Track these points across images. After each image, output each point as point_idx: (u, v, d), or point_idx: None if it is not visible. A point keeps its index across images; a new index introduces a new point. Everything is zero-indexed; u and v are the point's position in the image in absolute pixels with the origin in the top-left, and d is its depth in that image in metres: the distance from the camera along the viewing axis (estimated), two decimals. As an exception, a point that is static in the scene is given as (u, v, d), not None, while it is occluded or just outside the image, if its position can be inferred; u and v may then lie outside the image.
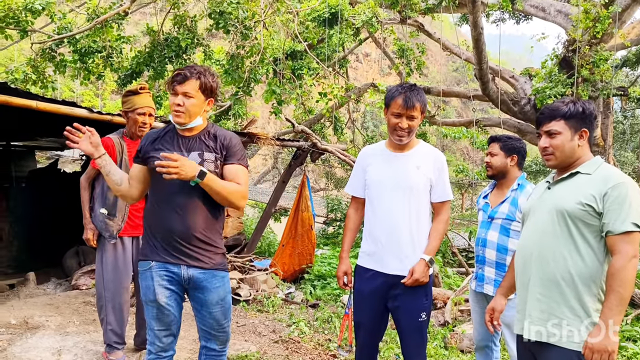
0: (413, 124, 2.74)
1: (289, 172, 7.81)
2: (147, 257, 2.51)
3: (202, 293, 2.53)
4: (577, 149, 2.21)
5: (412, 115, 2.72)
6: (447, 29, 25.59)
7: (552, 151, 2.23)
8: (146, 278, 2.51)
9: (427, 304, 2.78)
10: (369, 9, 10.67)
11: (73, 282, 6.02)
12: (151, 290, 2.49)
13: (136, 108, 3.54)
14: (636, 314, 5.84)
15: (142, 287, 2.52)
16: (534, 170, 22.04)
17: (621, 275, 1.96)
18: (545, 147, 2.26)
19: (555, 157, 2.24)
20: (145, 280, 2.51)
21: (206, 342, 2.64)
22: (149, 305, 2.53)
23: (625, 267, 1.96)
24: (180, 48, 7.81)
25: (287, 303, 6.10)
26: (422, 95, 2.75)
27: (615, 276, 1.97)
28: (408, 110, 2.70)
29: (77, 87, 27.42)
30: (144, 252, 2.55)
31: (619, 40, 9.96)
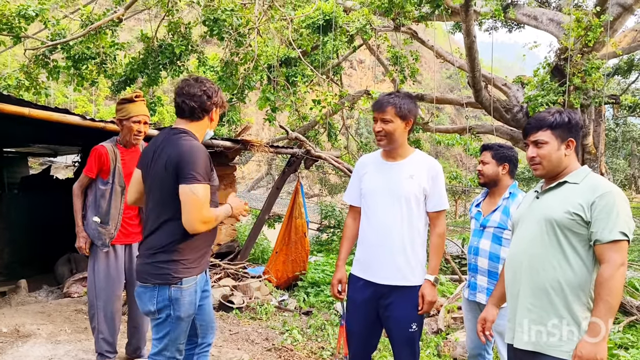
0: (388, 128, 2.73)
1: (283, 178, 7.81)
2: (191, 273, 2.47)
3: (207, 285, 2.72)
4: (564, 159, 2.23)
5: (385, 118, 2.74)
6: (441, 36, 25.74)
7: (540, 161, 2.26)
8: (191, 293, 2.47)
9: (418, 315, 2.76)
10: (363, 17, 10.72)
11: (65, 289, 5.98)
12: (194, 305, 2.51)
13: (131, 116, 3.54)
14: (628, 322, 5.87)
15: (184, 304, 2.44)
16: (526, 177, 22.16)
17: (609, 283, 1.98)
18: (532, 156, 2.28)
19: (542, 167, 2.27)
20: (189, 296, 2.46)
21: (204, 338, 2.75)
22: (186, 320, 2.49)
23: (613, 275, 1.98)
24: (175, 55, 7.81)
25: (281, 310, 6.08)
26: (398, 99, 2.74)
27: (603, 285, 1.99)
28: (379, 113, 2.75)
29: (70, 93, 27.35)
30: (188, 270, 2.45)
31: (611, 49, 10.05)
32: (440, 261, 2.83)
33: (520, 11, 11.72)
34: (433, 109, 15.77)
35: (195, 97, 2.50)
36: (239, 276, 6.83)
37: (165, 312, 2.43)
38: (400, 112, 2.73)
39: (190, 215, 2.32)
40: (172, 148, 2.42)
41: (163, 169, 2.41)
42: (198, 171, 2.34)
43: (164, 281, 2.41)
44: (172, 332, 2.47)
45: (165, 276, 2.41)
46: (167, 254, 2.42)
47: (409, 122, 2.78)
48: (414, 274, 2.75)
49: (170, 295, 2.41)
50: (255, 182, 28.51)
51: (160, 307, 2.43)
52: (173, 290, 2.41)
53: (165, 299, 2.42)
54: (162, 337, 2.47)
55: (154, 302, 2.43)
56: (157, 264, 2.43)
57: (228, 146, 6.58)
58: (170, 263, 2.41)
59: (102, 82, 10.47)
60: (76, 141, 7.59)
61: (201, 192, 2.34)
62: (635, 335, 5.36)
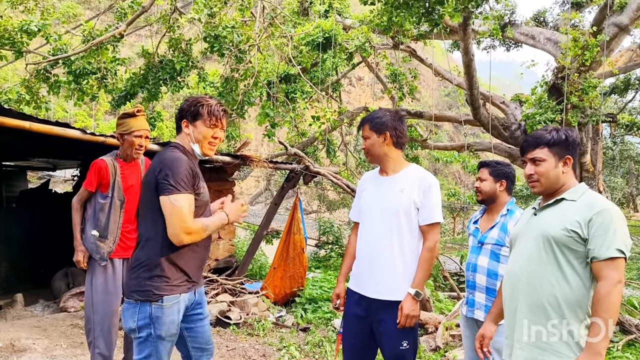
0: (366, 144, 2.87)
1: (282, 194, 7.82)
2: (174, 291, 2.39)
3: (201, 308, 2.65)
4: (561, 176, 2.25)
5: (363, 135, 2.89)
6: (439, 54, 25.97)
7: (537, 178, 2.28)
8: (173, 312, 2.39)
9: (410, 331, 2.73)
10: (362, 34, 10.85)
11: (61, 304, 5.95)
12: (176, 324, 2.42)
13: (133, 131, 3.56)
14: (627, 340, 5.84)
15: (166, 323, 2.36)
16: (524, 194, 22.16)
17: (607, 300, 1.98)
18: (530, 174, 2.30)
19: (540, 184, 2.28)
20: (171, 315, 2.38)
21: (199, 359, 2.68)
22: (168, 340, 2.41)
23: (610, 292, 1.98)
24: (175, 70, 7.87)
25: (278, 327, 6.05)
26: (372, 116, 2.87)
27: (600, 302, 1.99)
28: (360, 132, 2.92)
29: (70, 108, 27.46)
30: (170, 287, 2.38)
31: (607, 68, 10.15)
32: (427, 276, 2.77)
33: (517, 30, 11.86)
34: (431, 127, 15.84)
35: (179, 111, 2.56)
36: (237, 292, 6.80)
37: (145, 331, 2.35)
38: (374, 127, 2.83)
39: (174, 227, 2.28)
40: (155, 160, 2.42)
41: (147, 183, 2.40)
42: (178, 181, 2.29)
43: (145, 297, 2.35)
44: (155, 354, 2.39)
45: (146, 292, 2.35)
46: (149, 269, 2.36)
47: (386, 135, 2.82)
48: (403, 289, 2.72)
49: (151, 313, 2.34)
50: (254, 197, 28.50)
51: (140, 325, 2.35)
52: (154, 308, 2.34)
53: (146, 317, 2.35)
54: (145, 357, 2.38)
55: (135, 319, 2.37)
56: (140, 280, 2.37)
57: (227, 161, 6.60)
58: (152, 279, 2.35)
59: (102, 97, 10.53)
60: (75, 155, 7.62)
61: (182, 202, 2.28)
62: (634, 354, 5.34)
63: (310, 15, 12.00)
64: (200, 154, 2.52)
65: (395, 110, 2.99)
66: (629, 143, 26.88)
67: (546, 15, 13.09)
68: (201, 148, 2.52)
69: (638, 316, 6.51)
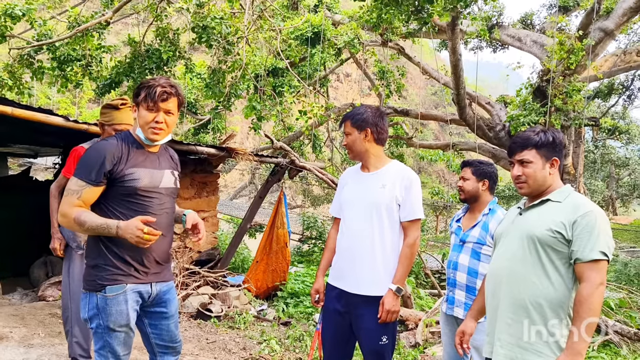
0: (347, 140, 2.89)
1: (266, 188, 7.80)
2: (118, 281, 2.33)
3: (165, 306, 2.56)
4: (548, 177, 2.27)
5: (344, 131, 2.91)
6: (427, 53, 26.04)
7: (525, 179, 2.30)
8: (119, 303, 2.33)
9: (390, 327, 2.75)
10: (351, 30, 10.84)
11: (40, 293, 5.87)
12: (124, 315, 2.35)
13: (114, 123, 3.47)
14: (602, 341, 5.94)
15: (112, 313, 2.31)
16: (507, 195, 22.41)
17: (588, 302, 2.00)
18: (518, 175, 2.32)
19: (528, 185, 2.30)
20: (117, 305, 2.32)
21: (163, 357, 2.61)
22: (118, 331, 2.35)
23: (592, 294, 2.01)
24: (162, 60, 7.78)
25: (259, 320, 6.05)
26: (353, 112, 2.89)
27: (582, 303, 2.02)
28: (342, 128, 2.93)
29: (53, 95, 27.05)
30: (112, 277, 2.33)
31: (592, 72, 10.29)
32: (407, 271, 2.78)
33: (505, 32, 11.96)
34: (417, 125, 15.93)
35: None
36: (219, 284, 6.78)
37: (95, 321, 2.33)
38: (356, 124, 2.84)
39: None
40: None
41: None
42: (77, 167, 2.33)
43: (91, 287, 2.34)
44: (108, 345, 2.34)
45: (91, 282, 2.34)
46: (92, 258, 2.36)
47: (367, 131, 2.84)
48: (383, 284, 2.73)
49: (97, 303, 2.31)
50: (238, 190, 28.38)
51: (90, 315, 2.33)
52: (99, 298, 2.31)
53: (93, 307, 2.33)
54: (99, 348, 2.36)
55: (86, 310, 2.35)
56: (87, 269, 2.38)
57: (212, 153, 6.56)
58: (95, 269, 2.34)
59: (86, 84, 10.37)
60: (57, 142, 7.50)
61: (71, 185, 2.30)
62: (609, 355, 5.44)
63: (300, 10, 11.96)
64: (144, 139, 2.41)
65: (376, 106, 3.00)
66: (610, 147, 27.32)
67: (533, 18, 13.23)
68: (145, 133, 2.40)
69: (614, 317, 6.63)
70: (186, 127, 15.70)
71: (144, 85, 2.40)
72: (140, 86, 2.41)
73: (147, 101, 2.36)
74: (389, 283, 2.73)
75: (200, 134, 13.58)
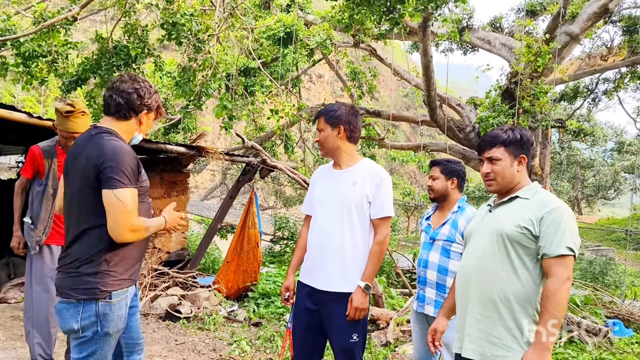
0: (320, 137, 2.87)
1: (237, 187, 7.72)
2: (122, 285, 2.26)
3: (135, 303, 2.50)
4: (516, 175, 2.30)
5: (318, 127, 2.88)
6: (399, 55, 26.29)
7: (494, 177, 2.32)
8: (120, 307, 2.26)
9: (360, 324, 2.74)
10: (323, 31, 10.84)
11: (1, 295, 5.68)
12: (123, 319, 2.29)
13: (61, 130, 3.36)
14: (568, 337, 6.07)
15: (113, 319, 2.23)
16: (477, 195, 22.76)
17: (555, 297, 2.03)
18: (487, 172, 2.34)
19: (496, 183, 2.33)
20: (119, 310, 2.25)
21: (129, 356, 2.55)
22: (114, 336, 2.28)
23: (559, 289, 2.03)
24: (130, 57, 7.63)
25: (230, 321, 5.97)
26: (327, 109, 2.89)
27: (549, 298, 2.04)
28: (314, 124, 2.92)
29: (18, 93, 26.35)
30: (118, 281, 2.24)
31: (558, 75, 10.54)
32: (376, 269, 2.78)
33: (475, 34, 12.14)
34: (389, 126, 16.03)
35: (124, 94, 2.29)
36: (188, 285, 6.68)
37: (91, 330, 2.19)
38: (329, 120, 2.83)
39: (117, 223, 2.12)
40: (92, 149, 2.19)
41: (82, 173, 2.19)
42: (123, 174, 2.14)
43: (90, 296, 2.17)
44: (100, 350, 2.24)
45: (92, 290, 2.17)
46: (94, 265, 2.18)
47: (340, 128, 2.83)
48: (353, 281, 2.72)
49: (98, 311, 2.18)
50: (209, 191, 28.09)
51: (85, 325, 2.18)
52: (101, 306, 2.19)
53: (91, 315, 2.18)
54: (86, 356, 2.22)
55: (77, 320, 2.18)
56: (81, 277, 2.18)
57: (182, 152, 6.46)
58: (98, 275, 2.18)
59: (52, 82, 10.15)
60: (22, 141, 7.28)
61: (128, 198, 2.14)
62: (575, 350, 5.55)
63: (272, 9, 11.90)
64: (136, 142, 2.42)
65: (350, 104, 2.99)
66: (575, 149, 28.06)
67: (502, 21, 13.48)
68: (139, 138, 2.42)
69: (580, 314, 6.78)
70: (156, 127, 15.47)
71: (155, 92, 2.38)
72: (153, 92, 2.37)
73: (158, 110, 2.42)
74: (359, 280, 2.72)
75: (170, 134, 13.40)
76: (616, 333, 6.50)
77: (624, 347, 5.98)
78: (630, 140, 29.63)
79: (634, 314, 7.38)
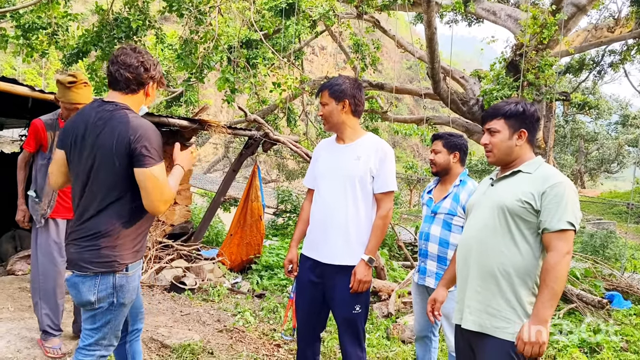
0: (324, 110, 2.85)
1: (240, 160, 7.73)
2: (137, 258, 2.36)
3: None
4: (515, 149, 2.30)
5: (321, 101, 2.85)
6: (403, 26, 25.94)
7: (491, 148, 2.33)
8: (135, 279, 2.35)
9: (362, 296, 2.78)
10: (326, 2, 10.69)
11: (8, 267, 5.77)
12: (136, 289, 2.39)
13: (63, 101, 3.36)
14: (568, 309, 6.15)
15: (129, 290, 2.31)
16: (479, 169, 22.74)
17: (555, 271, 2.05)
18: (485, 143, 2.36)
19: (493, 154, 2.34)
20: (134, 282, 2.34)
21: (134, 324, 2.63)
22: (128, 306, 2.37)
23: (559, 263, 2.05)
24: (131, 29, 7.57)
25: (233, 293, 6.06)
26: (331, 82, 2.85)
27: (549, 272, 2.06)
28: (318, 97, 2.89)
29: (19, 65, 26.19)
30: (133, 254, 2.32)
31: (564, 47, 10.39)
32: (379, 242, 2.82)
33: (480, 5, 11.94)
34: (392, 99, 15.91)
35: (131, 68, 2.30)
36: (192, 258, 6.76)
37: (107, 301, 2.26)
38: (334, 94, 2.81)
39: (153, 199, 2.20)
40: (121, 126, 2.21)
41: (109, 147, 2.20)
42: (155, 152, 2.22)
43: (109, 269, 2.23)
44: (114, 320, 2.32)
45: (110, 263, 2.23)
46: (113, 239, 2.23)
47: (344, 102, 2.82)
48: (357, 254, 2.76)
49: (115, 283, 2.25)
50: (212, 165, 28.13)
51: (101, 297, 2.24)
52: (118, 278, 2.26)
53: (108, 287, 2.25)
54: (100, 326, 2.30)
55: (93, 292, 2.24)
56: (100, 250, 2.22)
57: (185, 125, 6.45)
58: (116, 248, 2.24)
59: (53, 54, 10.06)
60: (24, 114, 7.28)
61: (161, 174, 2.23)
62: (574, 322, 5.63)
63: (274, -21, 11.69)
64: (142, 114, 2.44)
65: (354, 78, 2.97)
66: (579, 122, 27.88)
67: (508, -8, 13.22)
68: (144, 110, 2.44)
69: (579, 286, 6.86)
70: (158, 100, 15.41)
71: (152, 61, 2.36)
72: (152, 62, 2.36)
73: (161, 80, 2.43)
74: (362, 253, 2.76)
75: (172, 107, 13.34)
76: (614, 305, 6.58)
77: (622, 318, 6.06)
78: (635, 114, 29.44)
79: (633, 286, 7.46)
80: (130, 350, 2.62)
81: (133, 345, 2.64)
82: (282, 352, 4.28)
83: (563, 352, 4.72)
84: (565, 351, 4.72)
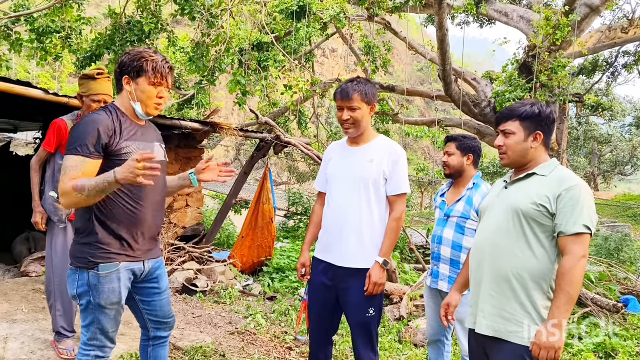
0: (355, 115, 2.76)
1: (251, 163, 7.75)
2: (112, 259, 2.29)
3: (157, 282, 2.54)
4: (530, 151, 2.27)
5: (352, 106, 2.75)
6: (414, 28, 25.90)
7: (506, 150, 2.30)
8: (112, 281, 2.29)
9: (376, 299, 2.77)
10: (337, 4, 10.68)
11: (23, 268, 5.81)
12: (117, 293, 2.32)
13: (91, 94, 3.40)
14: (582, 313, 6.08)
15: (104, 291, 2.28)
16: (491, 171, 22.60)
17: (571, 275, 2.02)
18: (500, 145, 2.33)
19: (507, 157, 2.31)
20: (110, 283, 2.29)
21: (156, 332, 2.61)
22: (109, 308, 2.33)
23: (575, 267, 2.02)
24: (144, 33, 7.63)
25: (245, 295, 6.07)
26: (362, 86, 2.77)
27: (565, 276, 2.03)
28: (346, 102, 2.76)
29: (32, 69, 26.48)
30: (106, 255, 2.28)
31: (577, 49, 10.30)
32: (393, 245, 2.80)
33: (492, 7, 11.88)
34: (403, 101, 15.88)
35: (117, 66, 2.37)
36: (204, 260, 6.78)
37: (85, 299, 2.29)
38: (366, 98, 2.77)
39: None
40: None
41: None
42: (73, 142, 2.19)
43: (81, 265, 2.28)
44: (98, 322, 2.32)
45: (82, 259, 2.28)
46: (84, 236, 2.30)
47: (373, 106, 2.82)
48: (370, 257, 2.75)
49: (89, 281, 2.27)
50: (223, 167, 28.19)
51: (80, 292, 2.29)
52: (91, 276, 2.27)
53: (84, 284, 2.28)
54: (88, 324, 2.33)
55: (74, 287, 2.31)
56: (78, 246, 2.31)
57: (196, 128, 6.48)
58: (87, 246, 2.28)
59: (66, 58, 10.15)
60: (38, 117, 7.35)
61: (68, 163, 2.17)
62: (589, 326, 5.56)
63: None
64: (144, 113, 2.35)
65: (367, 79, 2.95)
66: (593, 124, 27.59)
67: (520, -7, 13.14)
68: (145, 107, 2.34)
69: (594, 290, 6.77)
70: (170, 103, 15.50)
71: (144, 57, 2.29)
72: (139, 58, 2.29)
73: (156, 75, 2.30)
74: (376, 256, 2.74)
75: (184, 110, 13.42)
76: (630, 309, 6.49)
77: (637, 323, 5.97)
78: (650, 115, 29.06)
79: (649, 290, 7.35)
80: (153, 355, 2.63)
81: (156, 350, 2.64)
82: (294, 354, 4.27)
83: (578, 356, 4.66)
84: (580, 356, 4.66)
